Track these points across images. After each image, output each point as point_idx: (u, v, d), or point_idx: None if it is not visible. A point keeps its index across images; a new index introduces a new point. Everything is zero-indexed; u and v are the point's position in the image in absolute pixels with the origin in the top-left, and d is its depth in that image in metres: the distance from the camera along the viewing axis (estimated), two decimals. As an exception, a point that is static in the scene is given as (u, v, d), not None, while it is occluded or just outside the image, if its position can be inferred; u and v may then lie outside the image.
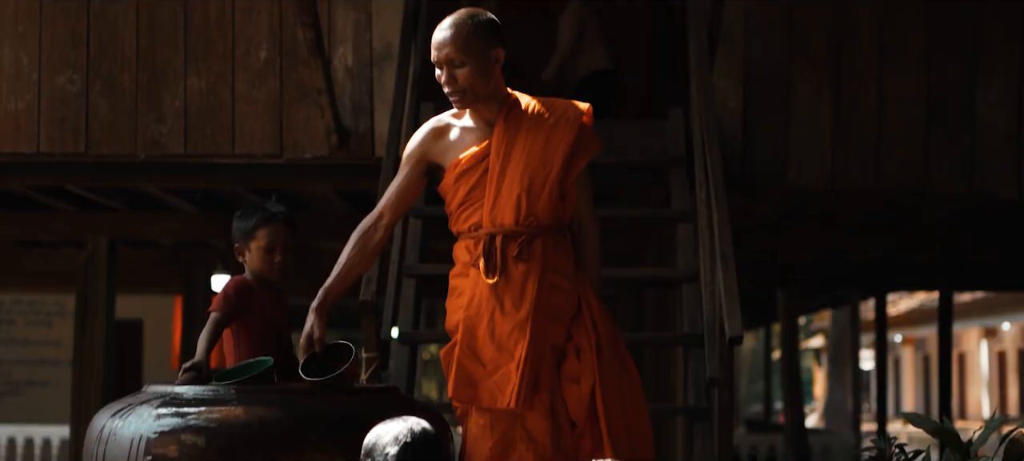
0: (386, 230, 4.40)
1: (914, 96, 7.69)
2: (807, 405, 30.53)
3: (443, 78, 4.24)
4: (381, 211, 4.41)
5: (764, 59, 7.66)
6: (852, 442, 18.11)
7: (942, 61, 7.73)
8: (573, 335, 4.29)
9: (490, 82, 4.27)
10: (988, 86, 7.68)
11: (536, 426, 4.18)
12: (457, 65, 4.22)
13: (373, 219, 4.41)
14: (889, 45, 7.72)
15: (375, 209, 4.44)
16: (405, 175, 4.43)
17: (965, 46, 7.75)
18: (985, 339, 33.68)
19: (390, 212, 4.41)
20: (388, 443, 3.26)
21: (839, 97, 7.66)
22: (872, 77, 7.66)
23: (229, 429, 3.82)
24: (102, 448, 3.97)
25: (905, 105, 7.68)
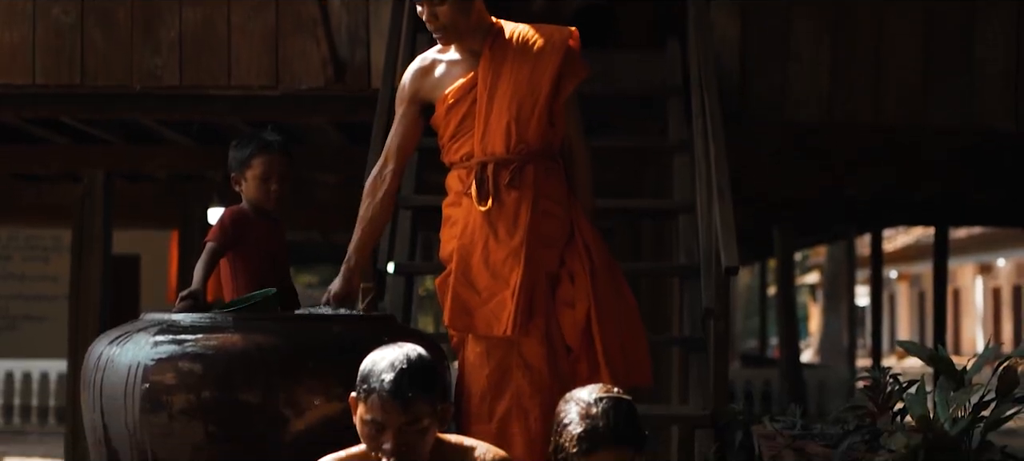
0: (394, 175, 4.42)
1: (912, 32, 7.65)
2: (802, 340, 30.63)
3: (425, 15, 4.29)
4: (386, 158, 4.43)
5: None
6: (847, 376, 18.18)
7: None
8: (566, 261, 4.31)
9: (471, 16, 4.30)
10: (987, 21, 7.64)
11: (532, 352, 4.20)
12: (437, 2, 4.24)
13: (380, 167, 4.43)
14: (889, -20, 7.68)
15: (380, 159, 4.45)
16: (401, 117, 4.45)
17: (964, -18, 7.71)
18: (980, 275, 33.76)
19: (395, 158, 4.43)
20: (384, 369, 3.26)
21: (838, 33, 7.62)
22: (871, 12, 7.62)
23: (226, 356, 3.83)
24: (99, 376, 3.99)
25: (903, 41, 7.64)
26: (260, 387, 3.80)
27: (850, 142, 9.64)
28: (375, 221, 4.43)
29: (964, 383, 3.99)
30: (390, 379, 3.24)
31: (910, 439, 3.90)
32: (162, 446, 3.85)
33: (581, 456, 3.17)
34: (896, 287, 39.81)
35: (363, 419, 3.28)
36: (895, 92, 7.59)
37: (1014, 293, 32.08)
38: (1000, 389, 3.98)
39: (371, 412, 3.26)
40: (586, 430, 3.17)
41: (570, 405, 3.25)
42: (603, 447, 3.16)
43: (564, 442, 3.20)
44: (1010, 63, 7.59)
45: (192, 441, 3.83)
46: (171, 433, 3.84)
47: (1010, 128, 7.66)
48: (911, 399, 4.09)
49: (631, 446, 3.19)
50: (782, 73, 7.58)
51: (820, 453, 4.61)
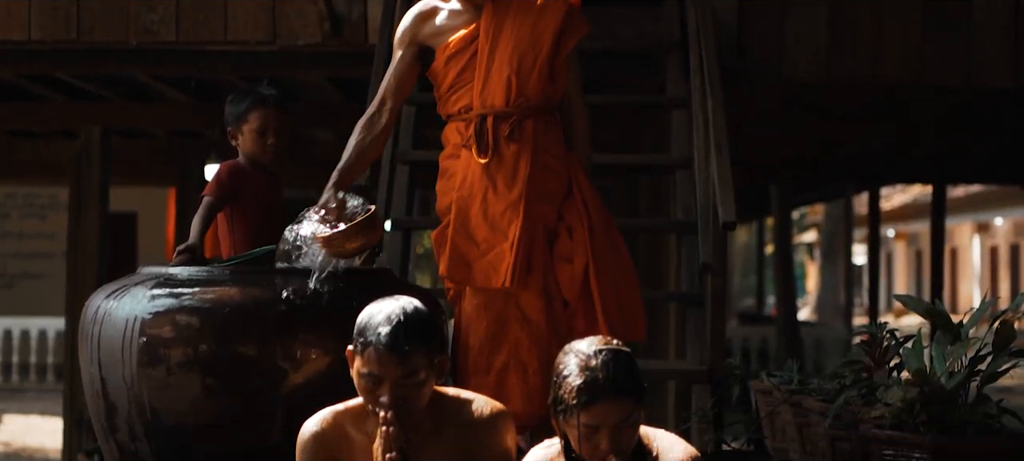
0: (391, 114, 4.40)
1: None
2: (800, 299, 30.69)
3: None
4: (383, 96, 4.42)
5: (761, -53, 7.59)
6: (844, 335, 18.22)
7: (941, -49, 7.66)
8: (564, 215, 4.31)
9: None
10: (986, -25, 7.62)
11: (530, 305, 4.21)
12: None
13: (376, 105, 4.41)
14: (888, -64, 7.64)
15: (377, 96, 4.44)
16: (400, 58, 4.45)
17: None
18: (977, 234, 33.79)
19: (392, 96, 4.41)
20: (381, 322, 3.26)
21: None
22: (870, -32, 7.59)
23: (224, 309, 3.83)
24: (97, 329, 3.99)
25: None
26: (257, 340, 3.81)
27: (848, 99, 9.63)
28: (367, 153, 4.38)
29: (961, 337, 3.99)
30: (387, 332, 3.24)
31: (907, 393, 3.91)
32: (160, 399, 3.86)
33: (581, 408, 3.16)
34: (893, 246, 39.84)
35: (360, 372, 3.28)
36: (894, 49, 7.57)
37: (1011, 252, 32.12)
38: (997, 343, 3.99)
39: (368, 365, 3.26)
40: (586, 382, 3.16)
41: (570, 357, 3.25)
42: (603, 399, 3.16)
43: (564, 394, 3.20)
44: (1008, 19, 7.56)
45: (190, 394, 3.83)
46: (169, 386, 3.85)
47: (1008, 84, 7.64)
48: (908, 353, 4.10)
49: (631, 398, 3.18)
50: (780, 30, 7.56)
51: (817, 408, 4.62)
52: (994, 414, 3.96)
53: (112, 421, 3.99)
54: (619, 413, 3.16)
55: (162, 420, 3.87)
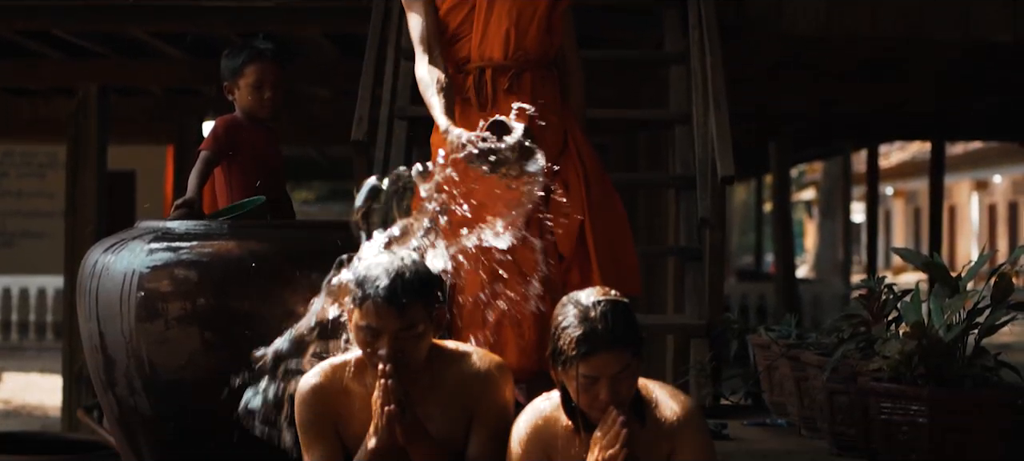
0: (442, 57, 4.28)
1: (910, -58, 7.59)
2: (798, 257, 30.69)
3: None
4: (429, 47, 4.23)
5: (759, -101, 7.55)
6: (842, 291, 18.25)
7: (939, -96, 7.62)
8: (560, 169, 4.30)
9: None
10: (986, -72, 7.58)
11: (525, 258, 4.20)
12: None
13: (427, 58, 4.21)
14: None
15: (420, 52, 4.29)
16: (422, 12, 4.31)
17: None
18: (976, 191, 33.77)
19: (436, 43, 4.25)
20: (379, 276, 3.26)
21: (836, -58, 7.56)
22: (869, -77, 7.56)
23: (222, 263, 3.83)
24: (95, 283, 3.99)
25: (901, -49, 7.58)
26: (255, 294, 3.81)
27: (847, 55, 9.59)
28: (450, 91, 4.21)
29: (959, 290, 4.00)
30: (385, 285, 3.24)
31: (905, 346, 3.91)
32: (158, 353, 3.86)
33: (580, 359, 3.16)
34: (892, 204, 39.83)
35: (358, 325, 3.28)
36: (893, 4, 7.55)
37: (1010, 209, 32.11)
38: (995, 296, 4.00)
39: (366, 318, 3.26)
40: (585, 333, 3.17)
41: (568, 308, 3.24)
42: (602, 350, 3.16)
43: (562, 345, 3.20)
44: (1007, -30, 7.54)
45: (189, 348, 3.84)
46: (167, 340, 3.85)
47: (1007, 39, 7.62)
48: (906, 307, 4.10)
49: (629, 348, 3.18)
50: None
51: (815, 362, 4.63)
52: (992, 367, 3.97)
53: (111, 375, 4.00)
54: (618, 363, 3.17)
55: (160, 374, 3.88)
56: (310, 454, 3.42)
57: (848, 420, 4.44)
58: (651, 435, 3.30)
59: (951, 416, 3.82)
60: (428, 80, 4.21)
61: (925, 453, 3.83)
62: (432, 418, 3.37)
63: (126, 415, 4.01)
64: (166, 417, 3.91)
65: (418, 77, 4.28)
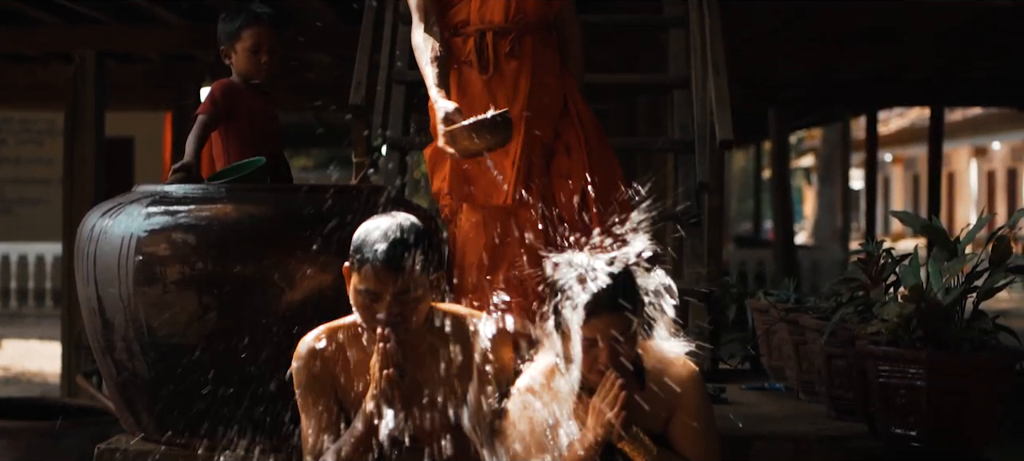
0: (439, 25, 4.28)
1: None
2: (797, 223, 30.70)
3: None
4: (426, 14, 4.25)
5: None
6: (840, 257, 18.25)
7: None
8: (561, 133, 4.30)
9: None
10: None
11: (527, 222, 4.20)
12: None
13: (425, 25, 4.23)
14: None
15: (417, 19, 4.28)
16: None
17: None
18: (975, 158, 33.73)
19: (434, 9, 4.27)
20: (377, 239, 3.25)
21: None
22: None
23: (219, 226, 3.82)
24: (93, 247, 3.98)
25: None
26: (253, 258, 3.79)
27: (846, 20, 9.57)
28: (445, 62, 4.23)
29: (957, 253, 3.99)
30: (383, 248, 3.23)
31: (903, 309, 3.91)
32: (156, 317, 3.86)
33: (581, 321, 3.16)
34: (891, 170, 39.81)
35: (357, 289, 3.28)
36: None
37: (1008, 176, 32.08)
38: (993, 259, 3.99)
39: (365, 281, 3.25)
40: (586, 295, 3.16)
41: (569, 271, 3.24)
42: (602, 312, 3.16)
43: (563, 308, 3.20)
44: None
45: (186, 312, 3.83)
46: (165, 304, 3.84)
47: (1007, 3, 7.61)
48: (905, 270, 4.10)
49: (630, 312, 3.18)
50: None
51: (813, 325, 4.63)
52: (990, 330, 3.97)
53: (109, 340, 4.00)
54: (618, 326, 3.17)
55: (159, 338, 3.87)
56: (307, 416, 3.42)
57: (846, 383, 4.44)
58: (650, 398, 3.30)
59: (949, 379, 3.82)
60: (423, 48, 4.21)
61: (923, 416, 3.83)
62: (431, 381, 3.37)
63: (124, 379, 4.01)
64: (164, 380, 3.91)
65: (414, 44, 4.28)
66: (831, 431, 4.37)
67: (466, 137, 3.90)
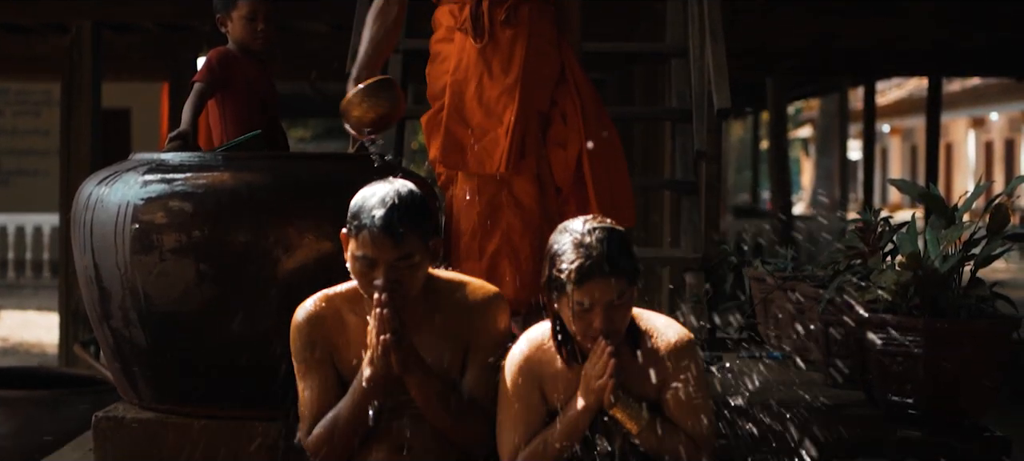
0: (401, 4, 4.32)
1: None
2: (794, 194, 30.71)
3: None
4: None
5: None
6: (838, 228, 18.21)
7: None
8: (558, 101, 4.29)
9: None
10: None
11: (523, 191, 4.19)
12: None
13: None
14: None
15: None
16: None
17: None
18: (973, 129, 33.72)
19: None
20: (375, 205, 3.24)
21: None
22: None
23: (216, 194, 3.81)
24: (89, 215, 3.97)
25: None
26: (250, 226, 3.79)
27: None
28: (382, 46, 4.32)
29: (955, 221, 3.99)
30: (381, 215, 3.22)
31: (900, 277, 3.91)
32: (153, 286, 3.85)
33: (574, 285, 3.16)
34: (888, 141, 39.79)
35: (354, 255, 3.27)
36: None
37: (1006, 147, 32.08)
38: (991, 227, 3.99)
39: (362, 248, 3.24)
40: (580, 260, 3.16)
41: (564, 235, 3.23)
42: (597, 276, 3.15)
43: (557, 272, 3.19)
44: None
45: (183, 280, 3.83)
46: (162, 273, 3.84)
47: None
48: (902, 238, 4.10)
49: (624, 276, 3.17)
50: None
51: (810, 294, 4.64)
52: (987, 297, 3.97)
53: (106, 308, 3.99)
54: (613, 291, 3.16)
55: (156, 306, 3.87)
56: (305, 383, 3.42)
57: (843, 352, 4.45)
58: (644, 365, 3.30)
59: (946, 347, 3.82)
60: (371, 21, 4.28)
61: (920, 384, 3.84)
62: (428, 347, 3.37)
63: (122, 347, 4.01)
64: (162, 349, 3.91)
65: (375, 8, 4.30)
66: (828, 399, 4.38)
67: (356, 105, 3.94)
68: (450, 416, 3.34)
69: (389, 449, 3.40)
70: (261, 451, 3.89)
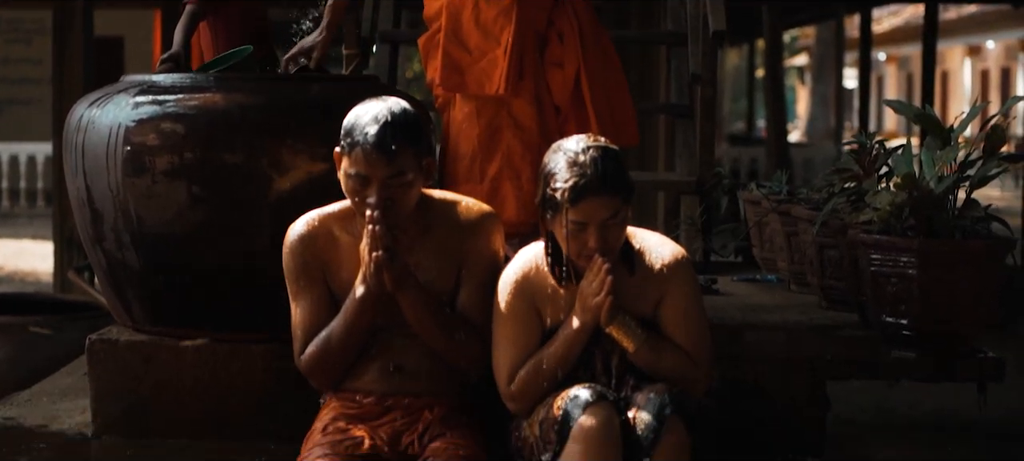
0: None
1: None
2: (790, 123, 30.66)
3: None
4: None
5: None
6: (833, 154, 18.24)
7: None
8: (555, 21, 4.26)
9: None
10: None
11: (522, 111, 4.17)
12: None
13: None
14: None
15: None
16: None
17: None
18: (969, 57, 33.63)
19: None
20: (368, 122, 3.22)
21: None
22: None
23: (208, 115, 3.79)
24: (81, 137, 3.95)
25: None
26: (243, 147, 3.77)
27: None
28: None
29: (950, 142, 3.97)
30: (374, 132, 3.20)
31: (895, 197, 3.90)
32: (146, 208, 3.84)
33: (569, 204, 3.14)
34: (884, 69, 39.69)
35: (347, 173, 3.25)
36: None
37: (1002, 75, 32.00)
38: (986, 148, 3.97)
39: (355, 165, 3.22)
40: (574, 178, 3.14)
41: (558, 155, 3.21)
42: (591, 194, 3.13)
43: (551, 190, 3.18)
44: None
45: (176, 202, 3.81)
46: (154, 195, 3.82)
47: None
48: (897, 159, 4.08)
49: (619, 195, 3.16)
50: None
51: (805, 216, 4.63)
52: (982, 218, 3.95)
53: (99, 231, 3.98)
54: (607, 209, 3.15)
55: (148, 228, 3.86)
56: (298, 302, 3.41)
57: (837, 273, 4.45)
58: (639, 282, 3.30)
59: (941, 268, 3.82)
60: None
61: (914, 304, 3.83)
62: (421, 266, 3.36)
63: (115, 270, 4.00)
64: (155, 271, 3.90)
65: None
66: (822, 321, 4.38)
67: None
68: (444, 335, 3.34)
69: (382, 369, 3.40)
70: (255, 372, 3.90)
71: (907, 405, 6.71)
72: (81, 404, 4.22)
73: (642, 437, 3.13)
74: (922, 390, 6.84)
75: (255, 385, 3.90)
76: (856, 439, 6.03)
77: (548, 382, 3.28)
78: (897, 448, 5.97)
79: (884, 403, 6.71)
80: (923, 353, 3.87)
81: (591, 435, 3.10)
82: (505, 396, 3.34)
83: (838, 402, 4.25)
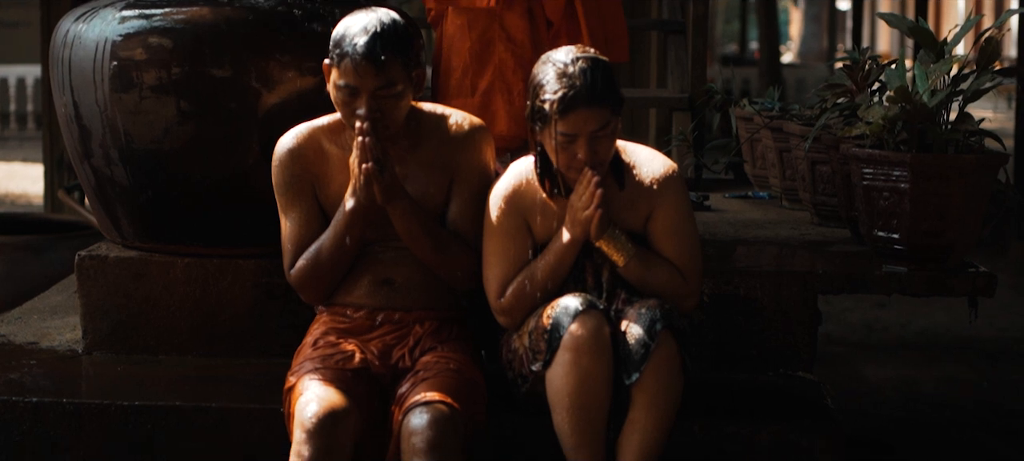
0: None
1: None
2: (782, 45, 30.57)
3: None
4: None
5: None
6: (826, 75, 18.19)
7: None
8: None
9: None
10: None
11: (514, 25, 4.15)
12: None
13: None
14: None
15: None
16: None
17: None
18: (963, -23, 33.47)
19: None
20: (357, 33, 3.19)
21: None
22: None
23: (195, 29, 3.75)
24: (67, 53, 3.91)
25: None
26: (230, 61, 3.74)
27: None
28: None
29: (944, 55, 3.94)
30: (363, 42, 3.17)
31: (888, 111, 3.88)
32: (134, 124, 3.81)
33: (558, 115, 3.12)
34: (878, -9, 39.49)
35: (336, 84, 3.22)
36: None
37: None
38: (980, 61, 3.95)
39: (344, 76, 3.20)
40: (563, 89, 3.11)
41: (547, 66, 3.18)
42: (580, 106, 3.11)
43: (540, 102, 3.15)
44: None
45: (164, 118, 3.79)
46: (142, 111, 3.80)
47: None
48: (890, 73, 4.05)
49: (608, 106, 3.13)
50: None
51: (797, 131, 4.61)
52: (975, 132, 3.93)
53: (87, 147, 3.95)
54: (596, 121, 3.13)
55: (136, 145, 3.83)
56: (288, 216, 3.40)
57: (829, 189, 4.44)
58: (629, 196, 3.28)
59: (933, 181, 3.80)
60: None
61: (906, 218, 3.82)
62: (411, 179, 3.34)
63: (103, 186, 3.98)
64: (143, 187, 3.88)
65: None
66: (814, 236, 4.38)
67: None
68: (434, 247, 3.33)
69: (373, 282, 3.39)
70: (245, 287, 3.89)
71: (898, 325, 6.74)
72: (71, 321, 4.22)
73: (633, 351, 3.12)
74: (912, 310, 6.88)
75: (245, 300, 3.89)
76: (847, 357, 6.07)
77: (539, 295, 3.27)
78: (888, 366, 6.01)
79: (875, 323, 6.74)
80: (914, 267, 3.87)
81: (581, 343, 3.09)
82: (495, 310, 3.34)
83: (829, 321, 4.27)
